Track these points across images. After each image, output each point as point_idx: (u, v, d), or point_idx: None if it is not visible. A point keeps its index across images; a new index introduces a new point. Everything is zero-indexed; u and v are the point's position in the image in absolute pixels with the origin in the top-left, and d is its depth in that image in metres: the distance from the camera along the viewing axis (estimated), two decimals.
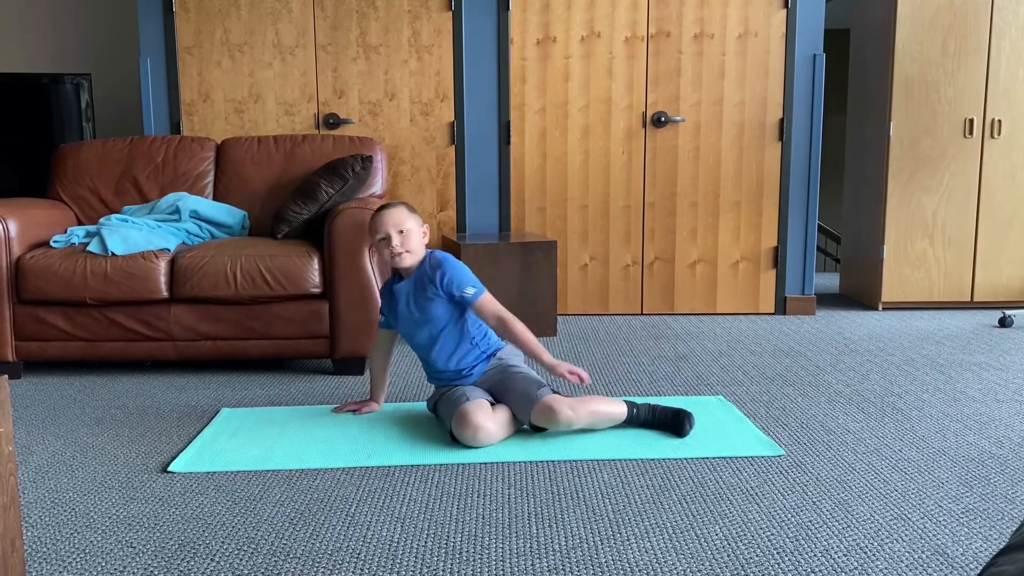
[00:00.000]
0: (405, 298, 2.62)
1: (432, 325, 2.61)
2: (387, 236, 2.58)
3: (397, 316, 2.67)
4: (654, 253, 4.56)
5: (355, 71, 4.43)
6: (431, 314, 2.59)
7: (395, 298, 2.66)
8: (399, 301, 2.64)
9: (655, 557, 1.80)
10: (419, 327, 2.63)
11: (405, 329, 2.67)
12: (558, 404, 2.45)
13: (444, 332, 2.61)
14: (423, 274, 2.60)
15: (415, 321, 2.63)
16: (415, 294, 2.60)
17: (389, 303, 2.70)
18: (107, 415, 2.84)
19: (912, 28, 4.53)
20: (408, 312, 2.63)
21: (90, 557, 1.82)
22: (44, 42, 5.06)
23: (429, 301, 2.58)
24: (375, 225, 2.62)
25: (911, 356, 3.63)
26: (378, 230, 2.60)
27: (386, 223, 2.58)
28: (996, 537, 1.89)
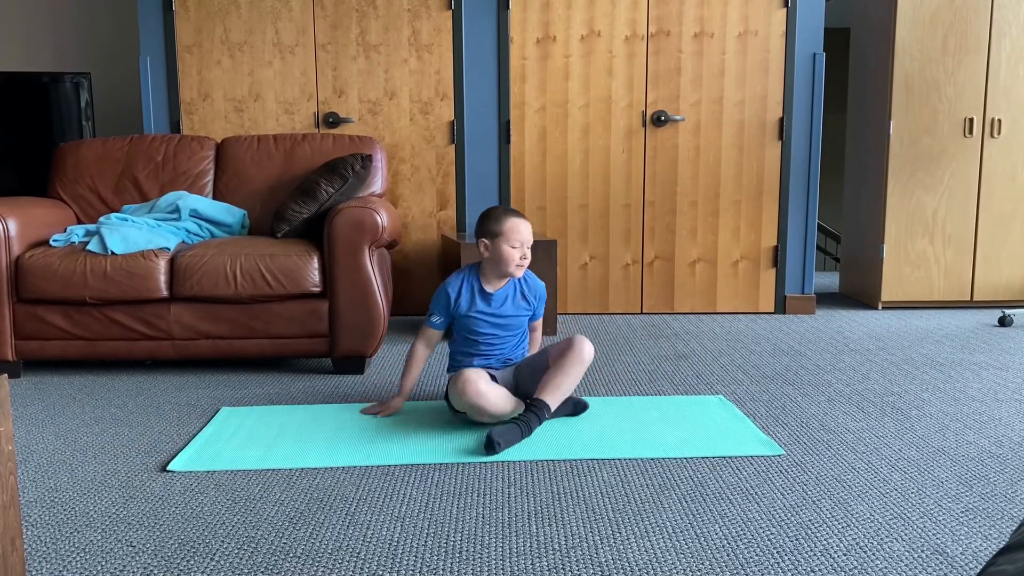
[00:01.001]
0: (500, 305, 2.72)
1: (513, 328, 2.77)
2: (522, 245, 2.67)
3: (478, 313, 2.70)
4: (654, 252, 4.56)
5: (355, 70, 4.42)
6: (517, 320, 2.77)
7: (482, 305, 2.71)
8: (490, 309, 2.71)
9: (655, 556, 1.80)
10: (500, 328, 2.74)
11: (481, 328, 2.71)
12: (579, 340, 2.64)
13: (516, 335, 2.80)
14: (521, 287, 2.77)
15: (499, 323, 2.73)
16: (512, 301, 2.74)
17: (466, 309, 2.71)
18: (107, 414, 2.84)
19: (912, 27, 4.53)
20: (497, 314, 2.72)
21: (90, 556, 1.82)
22: (44, 41, 5.06)
23: (521, 310, 2.76)
24: (512, 230, 2.66)
25: (911, 355, 3.63)
26: (516, 236, 2.65)
27: (526, 234, 2.68)
28: (996, 536, 1.89)
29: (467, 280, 2.75)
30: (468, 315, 2.71)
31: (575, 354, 2.59)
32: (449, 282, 2.75)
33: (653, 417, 2.75)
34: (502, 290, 2.74)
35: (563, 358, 2.60)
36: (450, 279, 2.76)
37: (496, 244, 2.67)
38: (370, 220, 3.25)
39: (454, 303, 2.72)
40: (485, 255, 2.71)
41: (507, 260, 2.66)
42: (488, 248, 2.69)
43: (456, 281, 2.74)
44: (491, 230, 2.68)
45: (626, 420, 2.71)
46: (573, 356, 2.59)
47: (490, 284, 2.74)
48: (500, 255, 2.67)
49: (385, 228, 3.31)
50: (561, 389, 2.59)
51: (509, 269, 2.68)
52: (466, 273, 2.77)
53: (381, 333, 3.32)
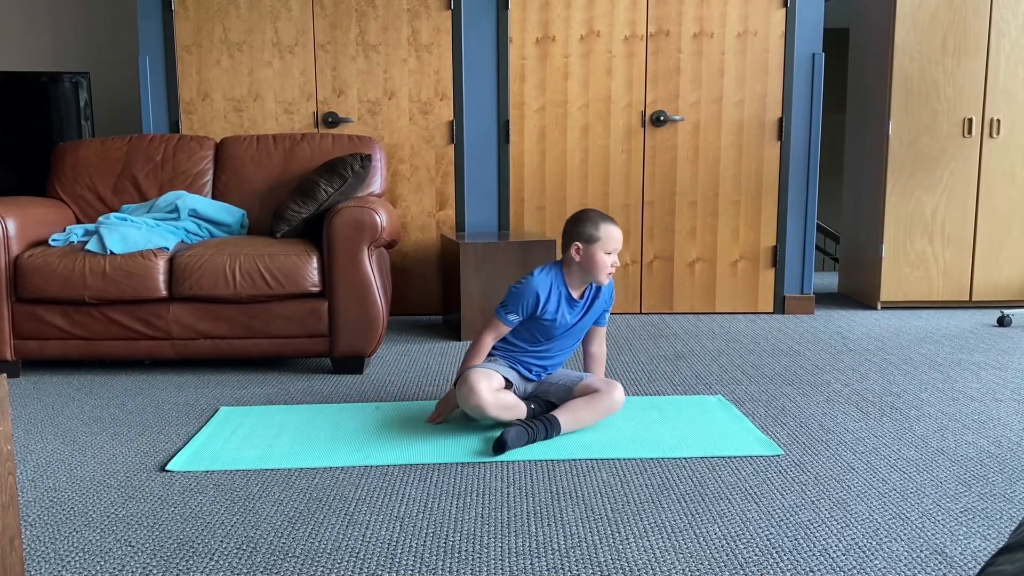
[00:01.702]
0: (582, 312, 2.69)
1: (580, 333, 2.75)
2: (615, 253, 2.61)
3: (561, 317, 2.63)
4: (653, 252, 4.56)
5: (354, 70, 4.42)
6: (586, 325, 2.75)
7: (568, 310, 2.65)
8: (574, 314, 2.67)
9: (654, 556, 1.80)
10: (571, 336, 2.72)
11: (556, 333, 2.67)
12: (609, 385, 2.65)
13: (577, 340, 2.77)
14: (597, 294, 2.71)
15: (571, 328, 2.70)
16: (589, 306, 2.71)
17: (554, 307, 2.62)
18: (106, 414, 2.84)
19: (912, 27, 4.53)
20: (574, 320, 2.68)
21: (89, 556, 1.82)
22: (43, 40, 5.06)
23: (592, 314, 2.73)
24: (609, 236, 2.59)
25: (910, 355, 3.63)
26: (613, 243, 2.59)
27: (620, 242, 2.62)
28: (995, 536, 1.89)
29: (555, 283, 2.63)
30: (554, 320, 2.62)
31: (608, 401, 2.60)
32: (538, 281, 2.61)
33: (652, 417, 2.75)
34: (585, 297, 2.69)
35: (597, 399, 2.59)
36: (537, 278, 2.62)
37: (591, 249, 2.58)
38: (369, 220, 3.25)
39: (542, 306, 2.60)
40: (576, 259, 2.60)
41: (600, 267, 2.58)
42: (580, 252, 2.59)
43: (545, 282, 2.62)
44: (588, 234, 2.58)
45: (625, 420, 2.71)
46: (606, 402, 2.60)
47: (575, 289, 2.66)
48: (594, 261, 2.58)
49: (384, 228, 3.31)
50: (581, 423, 2.59)
51: (600, 276, 2.60)
52: (553, 275, 2.64)
53: (380, 333, 3.32)
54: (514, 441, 2.42)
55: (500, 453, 2.39)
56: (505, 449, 2.39)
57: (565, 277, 2.65)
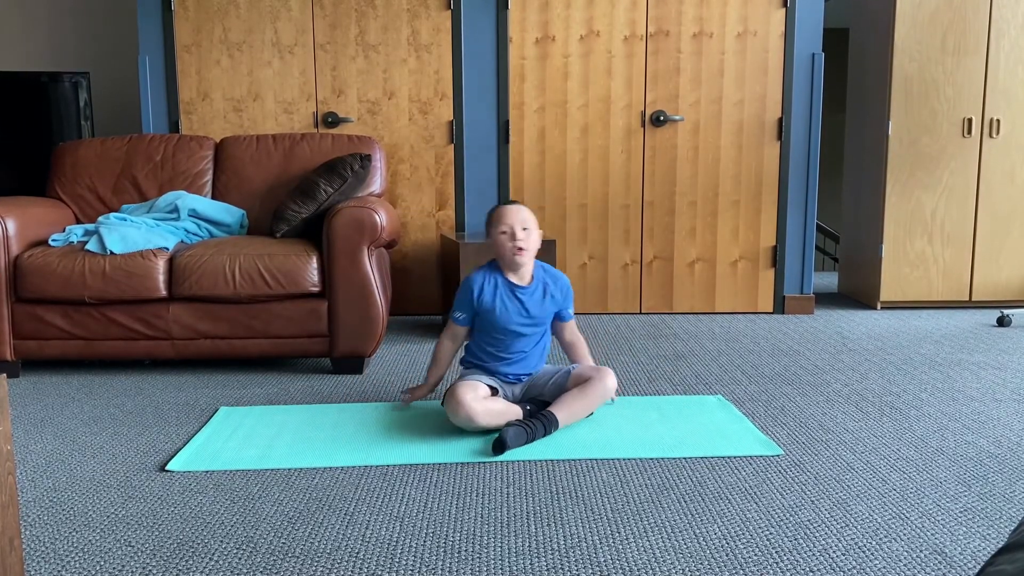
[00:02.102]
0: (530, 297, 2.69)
1: (537, 329, 2.72)
2: (511, 231, 2.63)
3: (502, 312, 2.66)
4: (653, 252, 4.56)
5: (354, 70, 4.42)
6: (541, 319, 2.71)
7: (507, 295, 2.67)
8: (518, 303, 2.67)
9: (654, 556, 1.80)
10: (525, 326, 2.69)
11: (511, 328, 2.67)
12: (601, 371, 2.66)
13: (540, 339, 2.74)
14: (545, 281, 2.73)
15: (524, 322, 2.68)
16: (541, 298, 2.70)
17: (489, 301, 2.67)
18: (105, 414, 2.84)
19: (911, 27, 4.53)
20: (522, 312, 2.67)
21: (88, 556, 1.82)
22: (43, 40, 5.06)
23: (546, 308, 2.71)
24: (498, 217, 2.66)
25: (909, 355, 3.63)
26: (501, 222, 2.64)
27: (511, 218, 2.64)
28: (994, 536, 1.90)
29: (489, 274, 2.71)
30: (493, 310, 2.66)
31: (601, 388, 2.60)
32: (473, 275, 2.72)
33: (652, 417, 2.75)
34: (532, 285, 2.70)
35: (589, 387, 2.60)
36: (473, 274, 2.73)
37: (490, 235, 2.69)
38: (369, 220, 3.25)
39: (477, 298, 2.67)
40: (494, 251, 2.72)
41: (500, 247, 2.65)
42: (490, 244, 2.71)
43: (479, 274, 2.72)
44: (488, 225, 2.72)
45: (625, 420, 2.71)
46: (597, 388, 2.60)
47: (512, 277, 2.70)
48: (495, 245, 2.67)
49: (384, 228, 3.31)
50: (577, 415, 2.59)
51: (506, 255, 2.65)
52: (487, 268, 2.74)
53: (380, 333, 3.32)
54: (513, 440, 2.42)
55: (500, 453, 2.39)
56: (505, 449, 2.40)
57: (501, 269, 2.72)
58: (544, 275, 2.75)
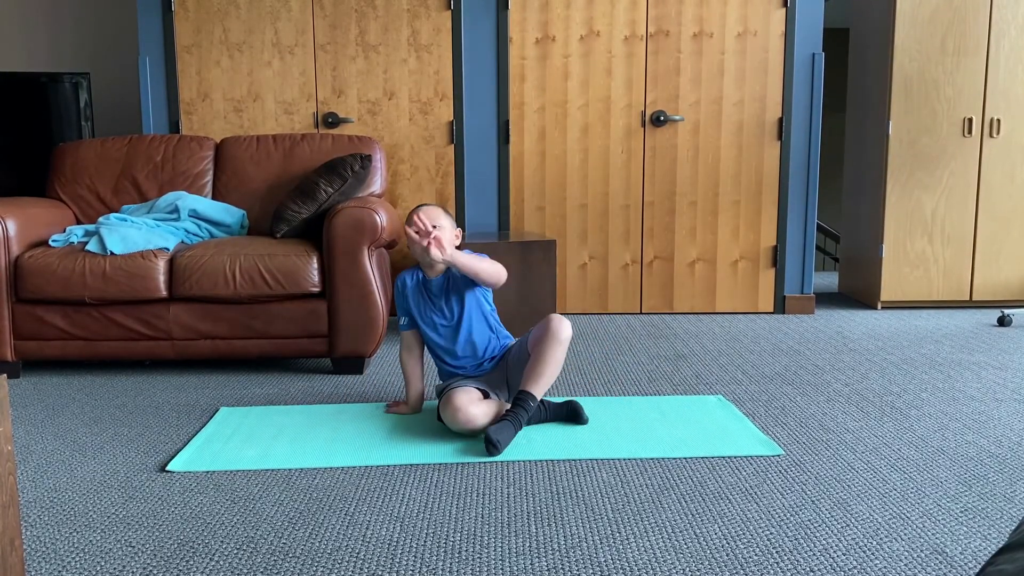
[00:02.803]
0: (438, 290, 2.69)
1: (464, 315, 2.68)
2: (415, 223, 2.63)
3: (422, 310, 2.70)
4: (653, 252, 4.56)
5: (354, 70, 4.42)
6: (464, 303, 2.68)
7: (422, 292, 2.71)
8: (429, 294, 2.69)
9: (654, 556, 1.80)
10: (450, 318, 2.69)
11: (432, 321, 2.69)
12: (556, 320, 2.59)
13: (473, 322, 2.69)
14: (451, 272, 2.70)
15: (447, 312, 2.68)
16: (450, 286, 2.69)
17: (412, 300, 2.72)
18: (106, 414, 2.84)
19: (911, 27, 4.53)
20: (440, 304, 2.69)
21: (89, 556, 1.82)
22: (43, 41, 5.06)
23: (461, 291, 2.68)
24: (409, 217, 2.68)
25: (910, 355, 3.63)
26: (411, 220, 2.65)
27: (421, 214, 2.65)
28: (995, 536, 1.89)
29: (411, 272, 2.75)
30: (418, 306, 2.71)
31: (551, 336, 2.53)
32: (399, 278, 2.77)
33: (652, 417, 2.75)
34: (437, 279, 2.70)
35: (540, 344, 2.55)
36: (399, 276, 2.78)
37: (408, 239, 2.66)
38: (369, 220, 3.25)
39: (402, 294, 2.73)
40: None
41: (409, 240, 2.63)
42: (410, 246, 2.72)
43: (403, 275, 2.77)
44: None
45: (626, 420, 2.71)
46: (550, 339, 2.53)
47: (428, 273, 2.71)
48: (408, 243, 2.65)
49: (384, 228, 3.31)
50: (544, 376, 2.54)
51: (414, 248, 2.63)
52: (411, 270, 2.77)
53: (380, 333, 3.32)
54: (503, 438, 2.41)
55: (496, 454, 2.39)
56: (497, 447, 2.38)
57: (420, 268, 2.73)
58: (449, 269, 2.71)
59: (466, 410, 2.50)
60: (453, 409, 2.51)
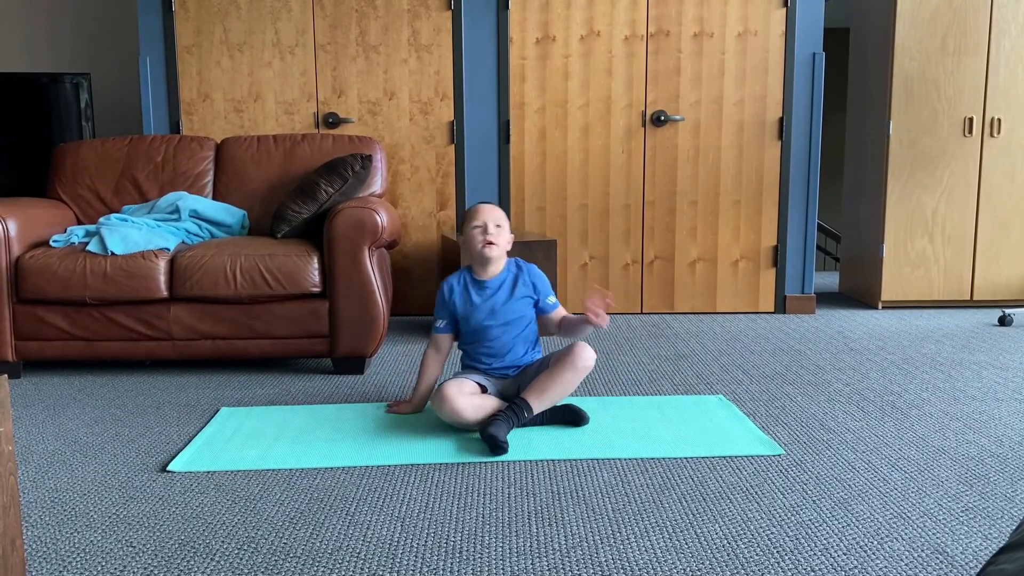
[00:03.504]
0: (493, 290, 2.70)
1: (516, 323, 2.71)
2: (483, 225, 2.65)
3: (470, 312, 2.68)
4: (654, 252, 4.56)
5: (354, 70, 4.43)
6: (519, 312, 2.71)
7: (471, 294, 2.69)
8: (484, 297, 2.69)
9: (655, 556, 1.80)
10: (501, 319, 2.69)
11: (484, 323, 2.68)
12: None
13: (524, 331, 2.73)
14: (515, 275, 2.73)
15: (498, 313, 2.69)
16: (509, 291, 2.70)
17: (460, 304, 2.69)
18: (107, 414, 2.84)
19: (912, 26, 4.53)
20: (494, 308, 2.68)
21: (90, 556, 1.82)
22: (43, 41, 5.06)
23: (519, 300, 2.71)
24: (471, 214, 2.70)
25: (911, 355, 3.63)
26: (475, 218, 2.67)
27: (486, 214, 2.68)
28: (996, 536, 1.89)
29: (460, 275, 2.75)
30: (466, 309, 2.69)
31: (569, 361, 2.56)
32: (445, 281, 2.76)
33: (653, 417, 2.75)
34: (496, 278, 2.71)
35: (558, 364, 2.58)
36: (447, 278, 2.78)
37: (463, 231, 2.71)
38: (370, 220, 3.25)
39: (449, 299, 2.71)
40: (464, 248, 2.75)
41: (472, 241, 2.66)
42: (462, 241, 2.74)
43: (451, 278, 2.76)
44: (461, 225, 2.75)
45: (626, 420, 2.71)
46: (567, 363, 2.55)
47: (480, 274, 2.72)
48: (467, 239, 2.69)
49: (385, 228, 3.31)
50: (548, 394, 2.56)
51: (476, 249, 2.66)
52: (459, 272, 2.78)
53: (381, 333, 3.32)
54: (501, 431, 2.43)
55: (500, 452, 2.39)
56: (498, 444, 2.39)
57: (471, 268, 2.75)
58: (516, 269, 2.75)
59: (453, 401, 2.51)
60: (441, 398, 2.53)
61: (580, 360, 2.56)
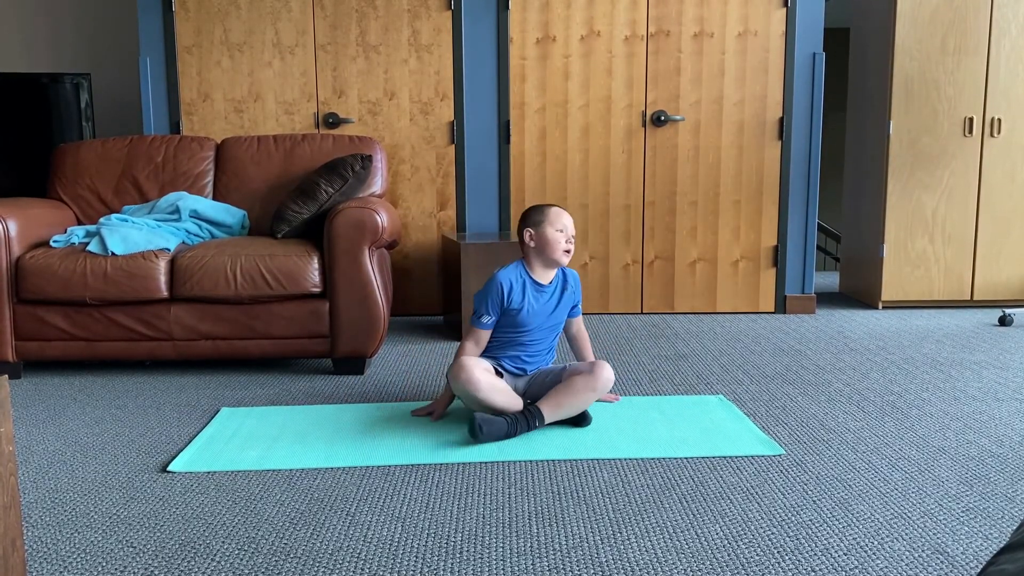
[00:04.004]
0: (549, 298, 2.72)
1: (555, 324, 2.77)
2: (566, 230, 2.67)
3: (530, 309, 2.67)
4: (654, 252, 4.56)
5: (355, 70, 4.43)
6: (560, 315, 2.78)
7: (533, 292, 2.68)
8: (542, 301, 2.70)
9: (655, 556, 1.80)
10: (546, 324, 2.73)
11: (534, 324, 2.70)
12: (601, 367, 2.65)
13: (554, 335, 2.79)
14: (563, 282, 2.77)
15: (547, 318, 2.72)
16: (559, 298, 2.74)
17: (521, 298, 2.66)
18: (107, 415, 2.84)
19: (912, 26, 4.53)
20: (548, 312, 2.72)
21: (91, 557, 1.82)
22: (43, 41, 5.06)
23: (564, 308, 2.77)
24: (558, 217, 2.67)
25: (911, 355, 3.63)
26: (559, 221, 2.67)
27: (568, 222, 2.69)
28: (996, 536, 1.89)
29: (518, 273, 2.69)
30: (520, 309, 2.66)
31: (591, 380, 2.58)
32: (501, 275, 2.67)
33: (653, 417, 2.75)
34: (552, 283, 2.73)
35: (578, 380, 2.59)
36: (501, 273, 2.68)
37: (541, 231, 2.66)
38: (370, 220, 3.25)
39: (507, 296, 2.64)
40: (531, 245, 2.68)
41: (554, 244, 2.64)
42: (533, 237, 2.67)
43: (508, 273, 2.68)
44: (535, 219, 2.69)
45: (626, 420, 2.71)
46: (588, 381, 2.58)
47: (540, 276, 2.71)
48: (546, 241, 2.65)
49: (385, 228, 3.31)
50: (563, 408, 2.58)
51: (557, 255, 2.65)
52: (515, 268, 2.71)
53: (381, 333, 3.32)
54: (487, 428, 2.44)
55: (474, 438, 2.43)
56: (476, 435, 2.42)
57: (527, 267, 2.72)
58: (563, 277, 2.79)
59: (470, 371, 2.51)
60: (459, 368, 2.54)
61: (601, 382, 2.61)
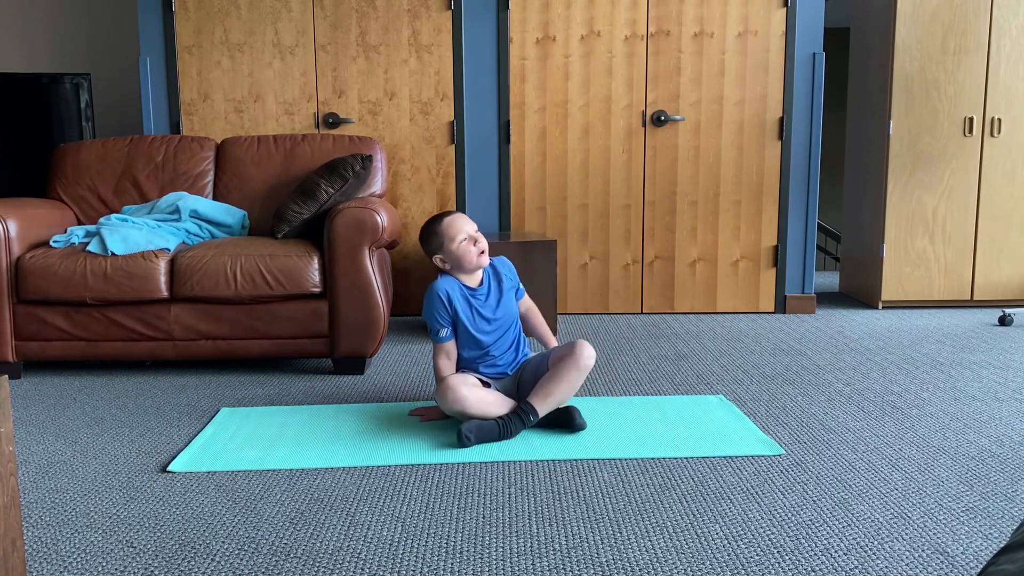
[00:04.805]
0: (487, 298, 2.69)
1: (507, 320, 2.71)
2: (471, 236, 2.63)
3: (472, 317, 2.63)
4: (654, 252, 4.56)
5: (355, 70, 4.43)
6: (509, 310, 2.72)
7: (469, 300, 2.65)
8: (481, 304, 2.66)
9: (655, 556, 1.80)
10: (499, 320, 2.69)
11: (481, 327, 2.65)
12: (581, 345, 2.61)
13: (512, 328, 2.73)
14: (495, 274, 2.73)
15: (495, 320, 2.68)
16: (498, 292, 2.71)
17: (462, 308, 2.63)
18: (107, 415, 2.84)
19: (912, 26, 4.53)
20: (492, 314, 2.67)
21: (91, 557, 1.82)
22: (43, 41, 5.06)
23: (506, 297, 2.71)
24: (452, 229, 2.61)
25: (911, 355, 3.63)
26: (460, 231, 2.61)
27: (464, 226, 2.64)
28: (996, 536, 1.89)
29: (451, 283, 2.64)
30: (468, 319, 2.64)
31: (572, 360, 2.55)
32: (438, 285, 2.63)
33: (653, 417, 2.75)
34: (484, 281, 2.70)
35: (560, 364, 2.57)
36: (438, 283, 2.64)
37: (447, 251, 2.62)
38: (370, 220, 3.25)
39: (450, 304, 2.61)
40: (447, 268, 2.65)
41: (465, 256, 2.61)
42: (444, 260, 2.64)
43: (443, 283, 2.63)
44: (435, 244, 2.64)
45: (626, 420, 2.71)
46: (571, 362, 2.55)
47: (470, 281, 2.68)
48: (456, 257, 2.61)
49: (385, 228, 3.31)
50: (554, 396, 2.56)
51: (473, 264, 2.62)
52: (448, 279, 2.66)
53: (381, 333, 3.32)
54: (476, 436, 2.44)
55: (462, 446, 2.43)
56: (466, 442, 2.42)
57: (457, 279, 2.67)
58: (490, 268, 2.73)
59: (456, 390, 2.50)
60: (445, 389, 2.52)
61: (583, 359, 2.57)
